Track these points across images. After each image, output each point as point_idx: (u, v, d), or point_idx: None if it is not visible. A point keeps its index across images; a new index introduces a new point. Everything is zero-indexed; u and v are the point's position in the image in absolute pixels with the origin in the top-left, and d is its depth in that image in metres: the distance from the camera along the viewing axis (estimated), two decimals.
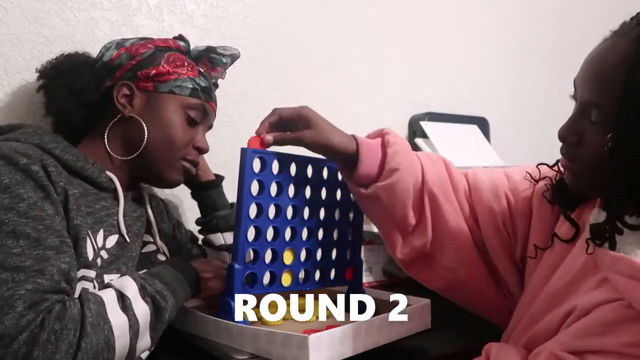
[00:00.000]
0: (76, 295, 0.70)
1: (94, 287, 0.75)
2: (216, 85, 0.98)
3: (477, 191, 0.87)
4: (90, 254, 0.75)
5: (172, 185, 0.92)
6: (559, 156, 0.73)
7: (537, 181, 0.79)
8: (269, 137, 0.78)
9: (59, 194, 0.73)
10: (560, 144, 0.70)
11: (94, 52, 0.95)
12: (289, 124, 0.80)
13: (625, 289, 0.58)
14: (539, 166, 0.79)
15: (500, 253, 0.84)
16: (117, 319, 0.67)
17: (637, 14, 0.63)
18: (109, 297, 0.69)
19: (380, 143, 0.84)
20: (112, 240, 0.81)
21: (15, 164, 0.69)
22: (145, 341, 0.71)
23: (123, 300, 0.69)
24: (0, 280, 0.61)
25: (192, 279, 0.81)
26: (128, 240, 0.84)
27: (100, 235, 0.79)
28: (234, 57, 0.98)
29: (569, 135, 0.67)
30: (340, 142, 0.80)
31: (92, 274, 0.75)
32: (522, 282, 0.84)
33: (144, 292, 0.72)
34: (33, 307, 0.61)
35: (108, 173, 0.84)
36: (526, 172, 0.81)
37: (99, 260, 0.78)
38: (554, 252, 0.75)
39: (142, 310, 0.70)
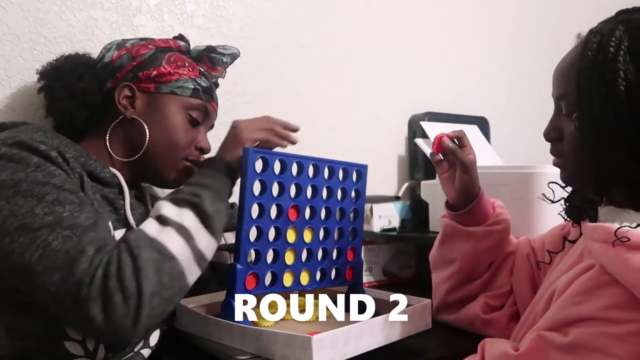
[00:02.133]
0: None
1: None
2: (216, 85, 0.98)
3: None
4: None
5: (175, 185, 0.92)
6: None
7: (552, 201, 0.81)
8: (446, 140, 0.91)
9: (77, 178, 0.75)
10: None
11: (94, 52, 0.95)
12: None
13: (600, 254, 0.62)
14: (550, 184, 0.81)
15: (525, 287, 0.89)
16: (160, 233, 0.71)
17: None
18: (146, 224, 0.73)
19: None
20: (118, 235, 0.81)
21: (35, 149, 0.71)
22: (204, 237, 0.74)
23: (159, 218, 0.73)
24: (64, 236, 0.66)
25: (221, 166, 0.83)
26: None
27: None
28: (234, 56, 0.98)
29: (550, 132, 0.74)
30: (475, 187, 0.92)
31: None
32: None
33: (175, 202, 0.75)
34: (100, 250, 0.67)
35: (111, 169, 0.84)
36: (542, 193, 0.84)
37: None
38: (563, 254, 0.79)
39: (182, 216, 0.74)
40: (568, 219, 0.79)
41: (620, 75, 0.61)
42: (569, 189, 0.79)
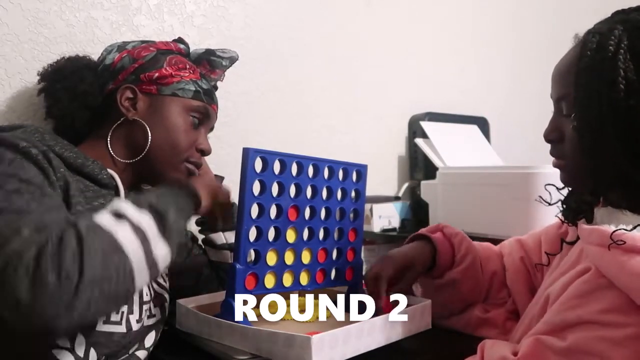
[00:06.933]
0: None
1: None
2: (215, 88, 0.98)
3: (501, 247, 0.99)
4: None
5: None
6: None
7: (549, 203, 0.82)
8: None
9: (58, 179, 0.72)
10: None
11: (94, 52, 0.95)
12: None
13: (596, 257, 0.62)
14: (547, 186, 0.81)
15: (523, 290, 0.90)
16: (114, 226, 0.63)
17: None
18: (98, 215, 0.65)
19: (442, 237, 0.96)
20: None
21: (15, 146, 0.69)
22: (161, 246, 0.66)
23: (115, 213, 0.65)
24: (6, 219, 0.60)
25: (188, 192, 0.76)
26: None
27: None
28: (233, 60, 0.98)
29: (550, 133, 0.73)
30: (423, 260, 0.93)
31: None
32: None
33: (137, 203, 0.67)
34: (39, 231, 0.59)
35: (109, 170, 0.84)
36: (539, 196, 0.84)
37: None
38: (562, 256, 0.79)
39: (140, 218, 0.66)
40: (565, 221, 0.79)
41: (621, 74, 0.61)
42: (566, 190, 0.79)
